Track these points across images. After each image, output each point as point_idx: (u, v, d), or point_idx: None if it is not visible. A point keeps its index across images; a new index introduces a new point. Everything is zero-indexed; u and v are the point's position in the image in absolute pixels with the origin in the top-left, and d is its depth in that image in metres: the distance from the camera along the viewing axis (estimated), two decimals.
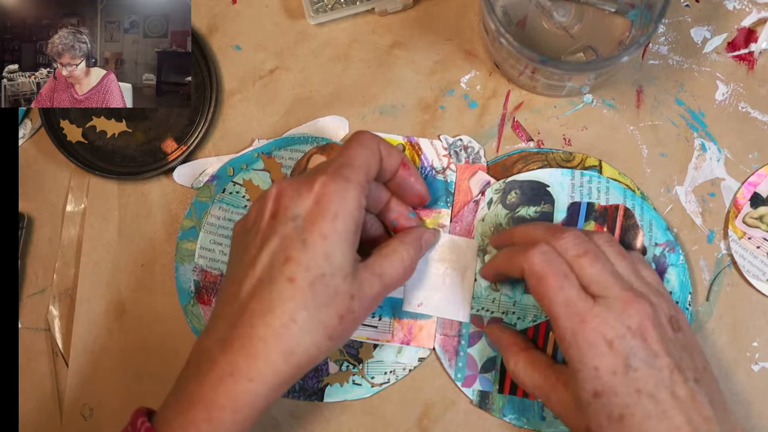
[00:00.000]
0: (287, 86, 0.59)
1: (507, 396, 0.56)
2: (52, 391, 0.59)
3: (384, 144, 0.50)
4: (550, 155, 0.57)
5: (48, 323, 0.59)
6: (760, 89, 0.57)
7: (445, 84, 0.59)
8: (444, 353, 0.56)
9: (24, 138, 0.61)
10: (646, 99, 0.58)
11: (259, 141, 0.59)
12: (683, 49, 0.58)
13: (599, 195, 0.56)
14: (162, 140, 0.59)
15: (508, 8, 0.55)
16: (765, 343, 0.55)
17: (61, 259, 0.60)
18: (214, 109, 0.59)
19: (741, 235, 0.56)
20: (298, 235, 0.45)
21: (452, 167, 0.57)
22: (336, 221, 0.45)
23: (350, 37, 0.59)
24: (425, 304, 0.55)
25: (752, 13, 0.57)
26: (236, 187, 0.58)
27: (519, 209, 0.57)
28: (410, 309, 0.56)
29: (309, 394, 0.57)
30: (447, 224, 0.57)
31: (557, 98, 0.58)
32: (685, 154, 0.57)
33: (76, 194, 0.60)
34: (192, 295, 0.58)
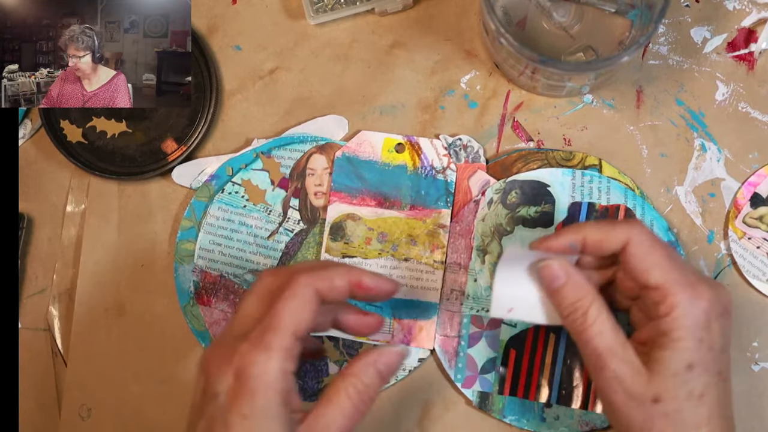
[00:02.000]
0: (287, 86, 0.59)
1: (507, 397, 0.56)
2: (51, 391, 0.59)
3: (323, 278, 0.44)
4: (549, 154, 0.57)
5: (48, 323, 0.59)
6: (760, 89, 0.57)
7: (445, 84, 0.58)
8: (444, 354, 0.56)
9: (24, 138, 0.61)
10: (646, 99, 0.57)
11: (258, 141, 0.59)
12: (683, 49, 0.58)
13: (600, 195, 0.56)
14: (162, 140, 0.59)
15: (508, 8, 0.55)
16: (765, 343, 0.55)
17: (61, 259, 0.60)
18: (214, 109, 0.59)
19: (741, 235, 0.56)
20: (221, 415, 0.42)
21: (452, 167, 0.57)
22: (255, 398, 0.41)
23: (350, 37, 0.59)
24: (516, 309, 0.50)
25: (752, 13, 0.57)
26: (235, 187, 0.58)
27: (519, 209, 0.57)
28: (499, 315, 0.50)
29: (309, 395, 0.57)
30: (447, 224, 0.57)
31: (557, 98, 0.58)
32: (685, 154, 0.57)
33: (76, 194, 0.60)
34: (191, 296, 0.58)
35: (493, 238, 0.57)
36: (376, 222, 0.57)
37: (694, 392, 0.44)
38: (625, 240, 0.47)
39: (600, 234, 0.47)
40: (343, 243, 0.57)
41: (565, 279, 0.48)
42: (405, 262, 0.57)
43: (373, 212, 0.57)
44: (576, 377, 0.55)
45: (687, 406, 0.44)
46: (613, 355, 0.46)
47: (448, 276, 0.57)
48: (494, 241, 0.56)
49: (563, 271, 0.48)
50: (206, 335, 0.57)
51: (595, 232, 0.48)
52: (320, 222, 0.58)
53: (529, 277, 0.50)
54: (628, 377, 0.45)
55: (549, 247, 0.48)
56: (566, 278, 0.48)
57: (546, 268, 0.48)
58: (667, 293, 0.45)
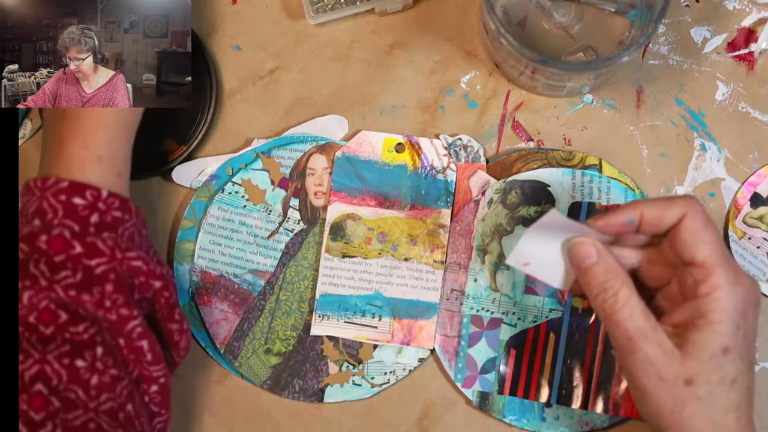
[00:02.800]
0: (287, 86, 0.59)
1: (507, 397, 0.56)
2: None
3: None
4: (549, 154, 0.57)
5: None
6: (760, 89, 0.57)
7: (445, 84, 0.58)
8: (444, 354, 0.56)
9: (24, 138, 0.61)
10: (646, 99, 0.57)
11: (258, 141, 0.59)
12: (683, 49, 0.58)
13: (600, 195, 0.56)
14: (162, 140, 0.59)
15: (508, 8, 0.55)
16: (765, 343, 0.55)
17: None
18: (214, 109, 0.59)
19: (741, 235, 0.56)
20: None
21: (452, 167, 0.57)
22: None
23: (350, 37, 0.59)
24: (534, 265, 0.50)
25: (752, 13, 0.57)
26: (235, 187, 0.58)
27: (519, 209, 0.57)
28: (514, 264, 0.50)
29: (309, 395, 0.57)
30: (447, 224, 0.57)
31: (557, 98, 0.58)
32: (685, 154, 0.57)
33: None
34: (191, 296, 0.58)
35: (493, 238, 0.57)
36: (376, 222, 0.57)
37: (727, 377, 0.44)
38: (682, 214, 0.46)
39: (658, 209, 0.47)
40: (343, 243, 0.57)
41: (596, 258, 0.47)
42: (405, 262, 0.57)
43: (373, 212, 0.57)
44: (576, 377, 0.55)
45: (719, 391, 0.44)
46: (645, 338, 0.45)
47: (448, 276, 0.57)
48: (494, 241, 0.56)
49: (595, 249, 0.47)
50: (206, 335, 0.57)
51: (652, 207, 0.47)
52: (320, 222, 0.58)
53: (560, 246, 0.49)
54: (660, 360, 0.45)
55: (607, 224, 0.48)
56: (598, 258, 0.47)
57: (579, 244, 0.48)
58: (711, 272, 0.45)
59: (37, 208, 0.46)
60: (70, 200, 0.46)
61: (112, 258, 0.45)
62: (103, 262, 0.45)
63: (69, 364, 0.44)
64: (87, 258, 0.45)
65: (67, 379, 0.44)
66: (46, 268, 0.45)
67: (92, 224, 0.46)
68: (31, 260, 0.45)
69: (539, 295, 0.56)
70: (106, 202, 0.47)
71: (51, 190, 0.46)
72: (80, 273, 0.45)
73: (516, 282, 0.56)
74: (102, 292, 0.45)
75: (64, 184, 0.46)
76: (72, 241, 0.45)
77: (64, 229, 0.45)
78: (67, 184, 0.46)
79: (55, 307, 0.45)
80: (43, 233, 0.45)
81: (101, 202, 0.47)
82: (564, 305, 0.56)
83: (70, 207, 0.46)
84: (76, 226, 0.46)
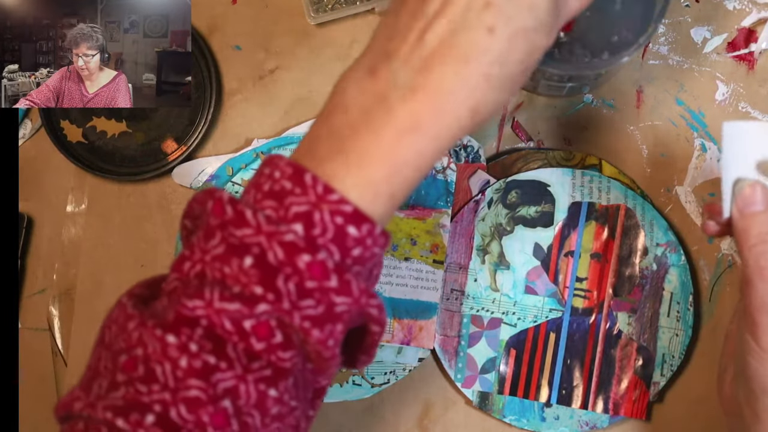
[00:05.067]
0: (287, 86, 0.59)
1: (507, 397, 0.56)
2: (51, 391, 0.59)
3: None
4: (549, 154, 0.57)
5: (48, 323, 0.59)
6: (760, 89, 0.57)
7: None
8: (444, 354, 0.56)
9: (24, 138, 0.61)
10: (646, 99, 0.57)
11: (258, 141, 0.59)
12: (683, 49, 0.58)
13: (600, 194, 0.56)
14: (162, 140, 0.59)
15: None
16: None
17: (61, 259, 0.60)
18: (214, 109, 0.59)
19: None
20: None
21: (452, 167, 0.57)
22: None
23: (350, 37, 0.59)
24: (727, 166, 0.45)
25: (752, 13, 0.57)
26: (235, 187, 0.58)
27: (519, 209, 0.57)
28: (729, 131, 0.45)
29: None
30: (447, 224, 0.57)
31: (557, 98, 0.58)
32: (685, 154, 0.57)
33: (76, 194, 0.60)
34: None
35: (493, 237, 0.57)
36: None
37: None
38: None
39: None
40: None
41: (763, 207, 0.45)
42: (405, 262, 0.57)
43: None
44: (576, 377, 0.55)
45: None
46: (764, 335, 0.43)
47: (448, 276, 0.57)
48: (494, 241, 0.57)
49: (765, 198, 0.45)
50: None
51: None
52: None
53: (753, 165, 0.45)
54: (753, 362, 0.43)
55: None
56: (765, 207, 0.45)
57: (750, 187, 0.45)
58: None
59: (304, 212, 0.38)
60: (344, 228, 0.38)
61: (356, 301, 0.39)
62: (347, 303, 0.39)
63: (263, 391, 0.39)
64: (336, 294, 0.39)
65: (254, 403, 0.39)
66: (294, 290, 0.38)
67: (352, 257, 0.39)
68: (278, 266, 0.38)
69: (539, 295, 0.56)
70: (375, 238, 0.40)
71: (330, 205, 0.38)
72: (322, 307, 0.39)
73: (516, 282, 0.56)
74: (332, 332, 0.39)
75: (348, 208, 0.38)
76: (331, 273, 0.38)
77: (328, 257, 0.38)
78: (351, 211, 0.38)
79: (275, 325, 0.38)
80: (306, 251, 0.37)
81: (370, 238, 0.39)
82: (564, 305, 0.56)
83: (340, 234, 0.38)
84: (339, 255, 0.39)
